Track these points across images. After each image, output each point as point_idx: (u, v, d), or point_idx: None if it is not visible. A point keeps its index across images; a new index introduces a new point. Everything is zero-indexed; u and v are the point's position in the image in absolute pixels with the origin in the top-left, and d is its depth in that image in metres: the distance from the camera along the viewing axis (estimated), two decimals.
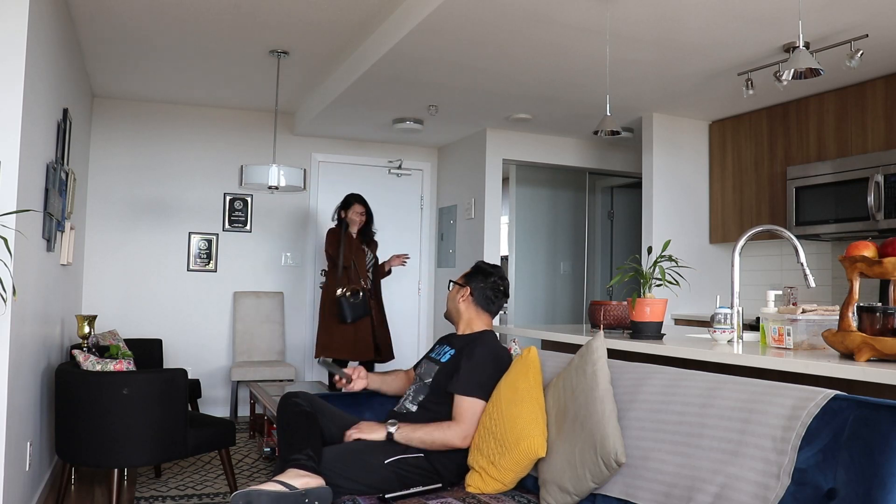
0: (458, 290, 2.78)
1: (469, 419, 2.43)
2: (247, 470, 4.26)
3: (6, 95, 2.68)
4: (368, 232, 5.37)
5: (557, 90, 4.79)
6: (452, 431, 2.42)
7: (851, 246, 2.12)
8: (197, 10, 3.84)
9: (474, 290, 2.74)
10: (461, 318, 2.76)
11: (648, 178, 5.40)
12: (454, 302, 2.78)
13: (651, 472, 1.92)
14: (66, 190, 3.92)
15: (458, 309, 2.77)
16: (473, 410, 2.44)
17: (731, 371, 2.26)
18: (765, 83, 4.28)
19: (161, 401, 3.35)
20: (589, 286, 6.94)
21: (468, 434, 2.42)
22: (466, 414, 2.44)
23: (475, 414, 2.44)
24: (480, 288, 2.74)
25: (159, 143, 5.95)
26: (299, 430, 2.37)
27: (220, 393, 6.01)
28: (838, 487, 1.53)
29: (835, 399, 1.65)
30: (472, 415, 2.44)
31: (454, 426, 2.43)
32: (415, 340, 6.77)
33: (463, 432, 2.42)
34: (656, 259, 2.71)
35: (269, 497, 2.08)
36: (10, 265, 2.51)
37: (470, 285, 2.76)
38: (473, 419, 2.43)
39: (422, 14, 3.52)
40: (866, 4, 3.30)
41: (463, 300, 2.75)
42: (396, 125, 5.83)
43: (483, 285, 2.74)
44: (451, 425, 2.44)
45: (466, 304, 2.74)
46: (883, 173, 4.16)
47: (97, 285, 5.70)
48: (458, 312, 2.77)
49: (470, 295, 2.74)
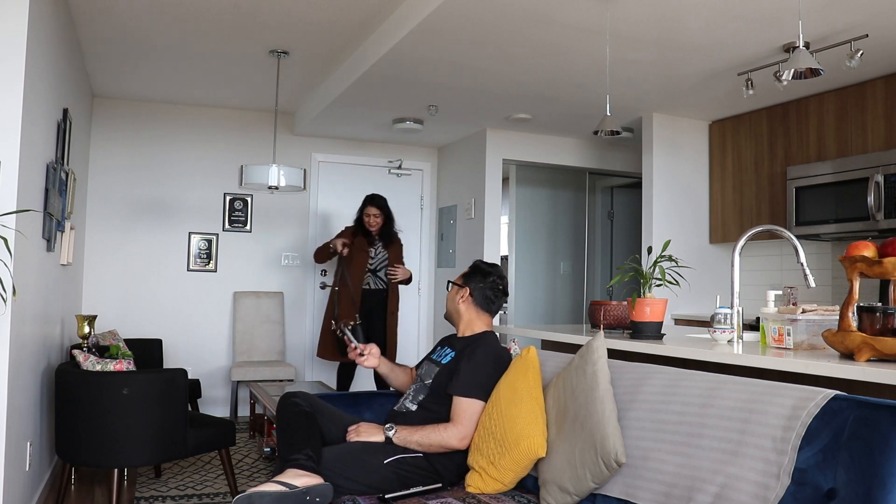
0: (458, 291, 2.77)
1: (466, 420, 2.43)
2: (247, 470, 4.26)
3: (6, 95, 2.68)
4: (387, 233, 5.35)
5: (557, 90, 4.79)
6: (450, 433, 2.42)
7: (851, 246, 2.12)
8: (197, 10, 3.84)
9: (473, 290, 2.74)
10: (461, 318, 2.76)
11: (648, 178, 5.40)
12: (454, 303, 2.77)
13: (651, 472, 1.92)
14: (66, 190, 3.92)
15: (457, 310, 2.76)
16: (472, 411, 2.44)
17: (731, 371, 2.26)
18: (765, 83, 4.28)
19: (161, 401, 3.35)
20: (589, 286, 6.94)
21: (466, 435, 2.42)
22: (464, 415, 2.44)
23: (473, 414, 2.44)
24: (480, 288, 2.74)
25: (159, 143, 5.95)
26: (299, 430, 2.37)
27: (220, 393, 6.01)
28: (838, 487, 1.53)
29: (835, 399, 1.65)
30: (469, 416, 2.44)
31: (451, 427, 2.43)
32: (415, 340, 6.76)
33: (460, 433, 2.42)
34: (656, 259, 2.71)
35: (270, 498, 2.08)
36: (10, 265, 2.51)
37: (469, 286, 2.75)
38: (471, 420, 2.43)
39: (422, 14, 3.52)
40: (866, 4, 3.30)
41: (462, 301, 2.74)
42: (396, 125, 5.83)
43: (482, 285, 2.74)
44: (448, 427, 2.44)
45: (466, 305, 2.74)
46: (883, 173, 4.16)
47: (97, 285, 5.70)
48: (458, 313, 2.77)
49: (469, 295, 2.73)
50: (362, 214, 5.36)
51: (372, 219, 5.30)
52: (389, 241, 5.37)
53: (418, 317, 6.83)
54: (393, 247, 5.39)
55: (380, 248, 5.37)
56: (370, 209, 5.32)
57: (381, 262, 5.36)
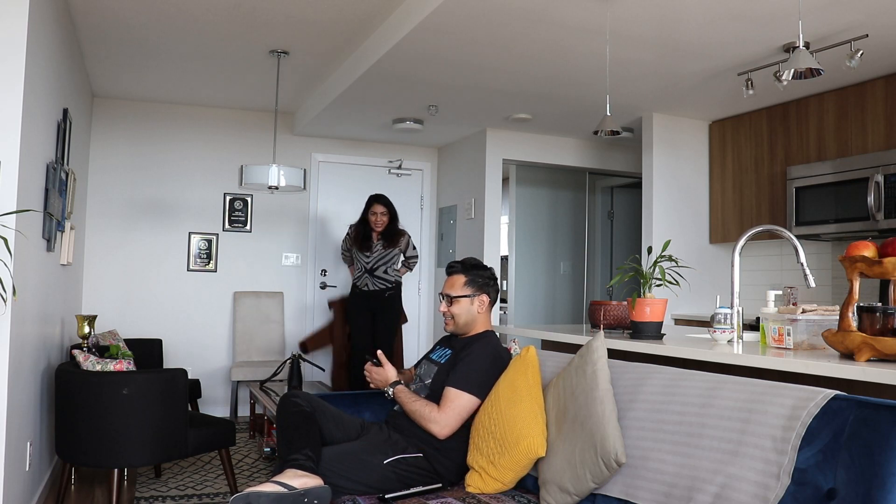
0: (472, 301, 2.67)
1: (451, 410, 2.44)
2: (247, 470, 4.26)
3: (6, 95, 2.68)
4: (391, 232, 5.41)
5: (557, 90, 4.79)
6: (434, 415, 2.45)
7: (851, 246, 2.12)
8: (197, 10, 3.84)
9: (490, 293, 2.72)
10: (475, 322, 2.70)
11: (648, 178, 5.40)
12: (472, 314, 2.67)
13: (651, 472, 1.92)
14: (66, 190, 3.92)
15: (476, 319, 2.69)
16: (458, 403, 2.44)
17: (731, 371, 2.26)
18: (765, 83, 4.28)
19: (161, 401, 3.35)
20: (589, 286, 6.94)
21: (447, 425, 2.43)
22: (450, 405, 2.45)
23: (460, 407, 2.44)
24: (491, 286, 2.73)
25: (159, 143, 5.95)
26: (298, 430, 2.37)
27: (220, 393, 6.01)
28: (838, 487, 1.53)
29: (835, 399, 1.65)
30: (454, 407, 2.44)
31: (435, 412, 2.46)
32: (415, 340, 6.76)
33: (442, 421, 2.43)
34: (656, 259, 2.71)
35: (268, 498, 2.08)
36: (10, 265, 2.51)
37: (485, 291, 2.71)
38: (456, 412, 2.44)
39: (422, 14, 3.52)
40: (866, 4, 3.30)
41: (483, 308, 2.69)
42: (396, 125, 5.83)
43: (490, 282, 2.74)
44: (433, 409, 2.47)
45: (486, 309, 2.71)
46: (883, 173, 4.15)
47: (97, 285, 5.70)
48: (476, 322, 2.69)
49: (489, 298, 2.71)
50: (367, 213, 5.40)
51: (378, 217, 5.35)
52: (391, 240, 5.39)
53: (418, 317, 6.82)
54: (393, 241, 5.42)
55: (378, 246, 5.39)
56: (377, 207, 5.37)
57: (377, 260, 5.37)
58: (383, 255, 5.39)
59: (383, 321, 5.40)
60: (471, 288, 2.69)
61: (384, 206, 5.37)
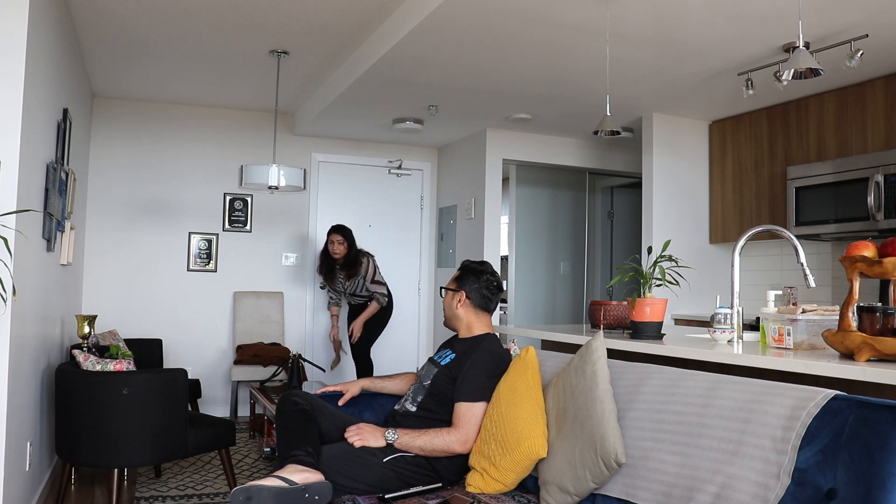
0: (453, 296, 2.73)
1: (467, 424, 2.43)
2: (247, 470, 4.26)
3: (6, 95, 2.68)
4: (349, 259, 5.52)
5: (557, 90, 4.79)
6: (452, 437, 2.42)
7: (851, 246, 2.12)
8: (197, 10, 3.84)
9: (469, 292, 2.71)
10: (461, 322, 2.73)
11: (648, 178, 5.40)
12: (451, 309, 2.74)
13: (651, 472, 1.92)
14: (66, 190, 3.92)
15: (456, 315, 2.73)
16: (473, 414, 2.44)
17: (731, 371, 2.26)
18: (765, 83, 4.28)
19: (161, 401, 3.35)
20: (589, 286, 6.94)
21: (468, 439, 2.42)
22: (466, 419, 2.43)
23: (474, 417, 2.43)
24: (475, 288, 2.71)
25: (159, 143, 5.95)
26: (298, 429, 2.37)
27: (220, 393, 6.01)
28: (838, 487, 1.53)
29: (835, 399, 1.65)
30: (470, 419, 2.43)
31: (454, 432, 2.42)
32: (415, 341, 6.76)
33: (463, 437, 2.42)
34: (656, 259, 2.71)
35: (269, 492, 2.08)
36: (10, 265, 2.51)
37: (464, 289, 2.72)
38: (473, 424, 2.43)
39: (422, 14, 3.52)
40: (866, 4, 3.30)
41: (460, 305, 2.71)
42: (396, 125, 5.83)
43: (477, 285, 2.72)
44: (451, 431, 2.43)
45: (465, 308, 2.71)
46: (883, 173, 4.16)
47: (97, 285, 5.70)
48: (456, 318, 2.74)
49: (466, 298, 2.71)
50: (327, 243, 5.62)
51: (336, 245, 5.52)
52: (353, 269, 5.52)
53: (418, 319, 6.82)
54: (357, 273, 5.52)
55: (341, 277, 5.63)
56: (334, 236, 5.55)
57: (352, 286, 5.62)
58: (348, 285, 5.62)
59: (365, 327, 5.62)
60: (455, 283, 2.76)
61: (341, 235, 5.54)
